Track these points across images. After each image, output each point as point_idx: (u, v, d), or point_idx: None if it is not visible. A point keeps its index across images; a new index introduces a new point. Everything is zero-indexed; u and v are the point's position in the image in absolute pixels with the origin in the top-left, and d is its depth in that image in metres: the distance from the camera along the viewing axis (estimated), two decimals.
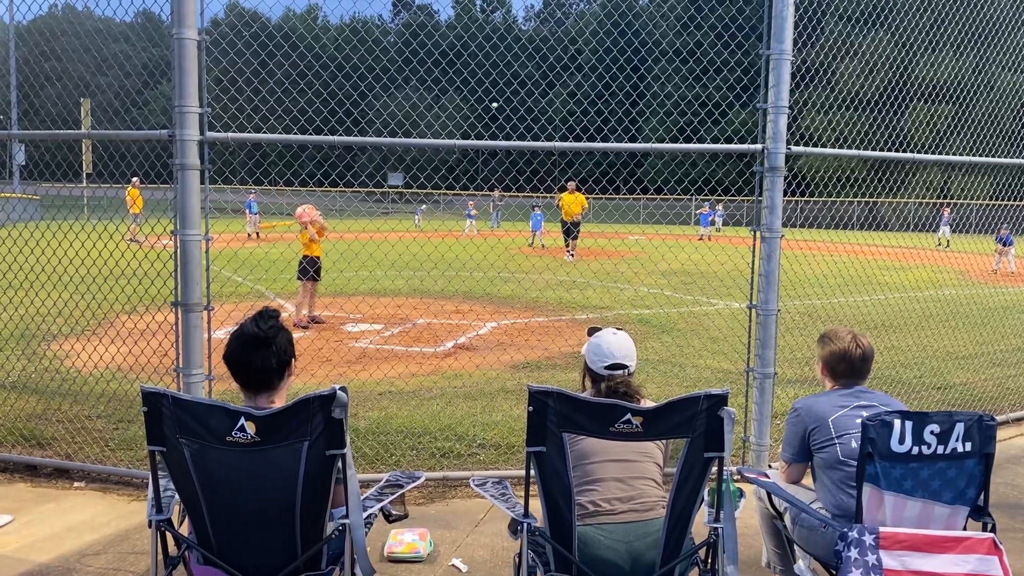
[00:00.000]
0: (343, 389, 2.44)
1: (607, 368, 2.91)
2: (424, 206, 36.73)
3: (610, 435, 2.51)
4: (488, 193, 34.42)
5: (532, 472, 2.60)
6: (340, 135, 4.95)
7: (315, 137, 4.94)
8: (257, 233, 27.08)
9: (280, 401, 2.69)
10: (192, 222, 4.38)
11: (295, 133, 5.27)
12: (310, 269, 10.04)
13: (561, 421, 2.53)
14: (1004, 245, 20.89)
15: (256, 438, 2.39)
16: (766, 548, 3.58)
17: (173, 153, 4.35)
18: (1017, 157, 6.79)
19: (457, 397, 6.72)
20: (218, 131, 4.59)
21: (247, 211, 27.90)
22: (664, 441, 2.86)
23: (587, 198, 21.42)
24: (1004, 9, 6.67)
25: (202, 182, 4.45)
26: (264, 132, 5.31)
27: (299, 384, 6.81)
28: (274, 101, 5.48)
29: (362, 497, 2.93)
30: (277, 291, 13.00)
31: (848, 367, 3.13)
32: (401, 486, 3.10)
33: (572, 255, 20.25)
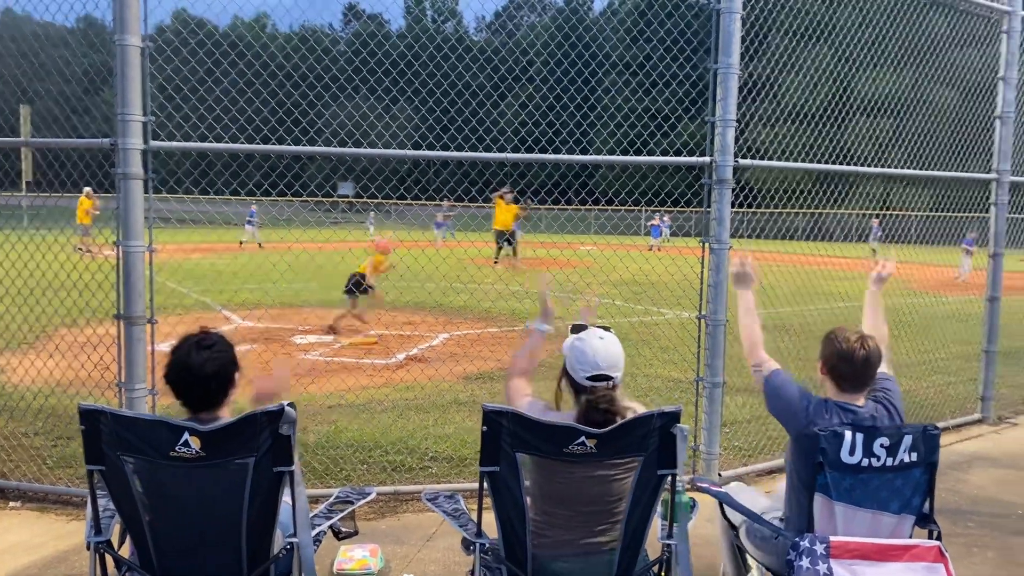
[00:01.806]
0: (291, 405, 2.39)
1: (589, 379, 2.66)
2: (373, 214, 36.42)
3: (564, 456, 2.48)
4: (439, 203, 34.31)
5: (486, 488, 2.58)
6: (289, 144, 4.89)
7: (263, 147, 4.86)
8: (260, 244, 26.93)
9: (225, 416, 2.62)
10: (135, 233, 4.28)
11: (243, 142, 5.18)
12: (360, 286, 10.46)
13: (515, 441, 2.50)
14: (968, 254, 20.51)
15: (201, 453, 2.32)
16: (722, 559, 3.59)
17: (115, 162, 4.24)
18: (953, 170, 7.00)
19: (409, 409, 6.65)
20: (162, 140, 4.49)
21: (248, 220, 27.86)
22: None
23: (539, 209, 21.46)
24: (939, 27, 6.87)
25: (145, 192, 4.34)
26: (210, 141, 5.21)
27: (245, 400, 6.67)
28: (220, 109, 5.37)
29: (311, 514, 2.87)
30: (223, 303, 12.74)
31: (851, 368, 2.90)
32: (351, 502, 3.04)
33: (498, 263, 20.30)
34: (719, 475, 5.18)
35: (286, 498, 2.49)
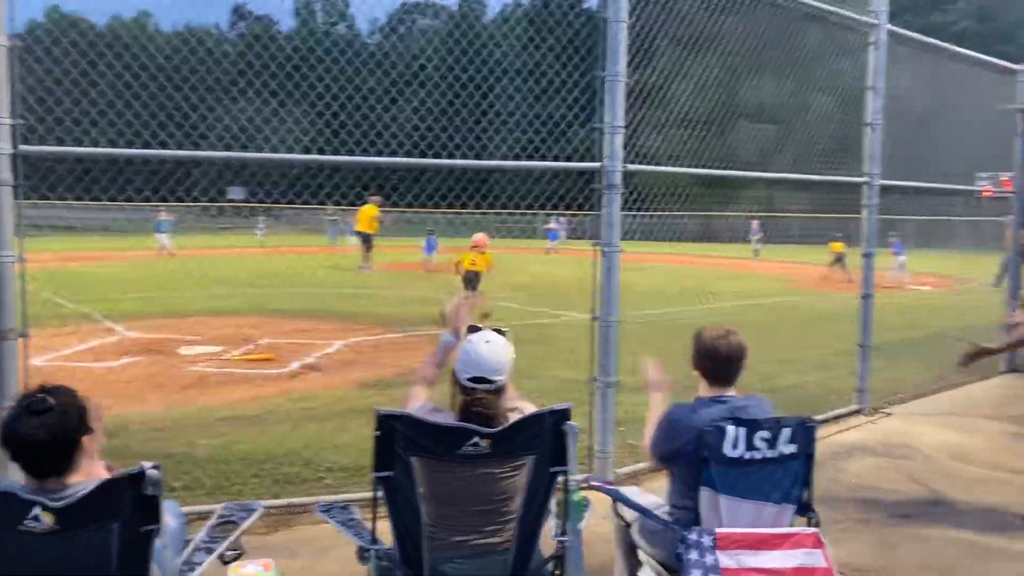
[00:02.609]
0: (155, 466, 2.25)
1: (470, 380, 2.68)
2: (262, 218, 35.49)
3: (458, 458, 2.49)
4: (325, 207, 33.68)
5: (380, 495, 2.55)
6: (172, 148, 4.71)
7: (146, 151, 4.65)
8: (171, 252, 25.42)
9: (80, 477, 2.36)
10: (4, 242, 4.02)
11: (122, 146, 4.95)
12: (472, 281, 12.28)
13: (408, 445, 2.49)
14: (898, 256, 20.87)
15: (56, 527, 2.13)
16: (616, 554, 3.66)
17: None
18: (832, 174, 7.38)
19: (304, 420, 6.51)
20: (34, 144, 4.24)
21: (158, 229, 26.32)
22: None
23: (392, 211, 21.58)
24: (817, 37, 7.23)
25: (16, 198, 4.09)
26: (88, 145, 4.96)
27: (131, 413, 6.39)
28: (96, 112, 5.12)
29: (191, 547, 2.74)
30: (105, 312, 12.14)
31: (716, 364, 3.05)
32: (235, 521, 2.92)
33: (367, 267, 20.31)
34: (614, 472, 5.29)
35: (170, 520, 2.37)
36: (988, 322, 9.65)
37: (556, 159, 5.72)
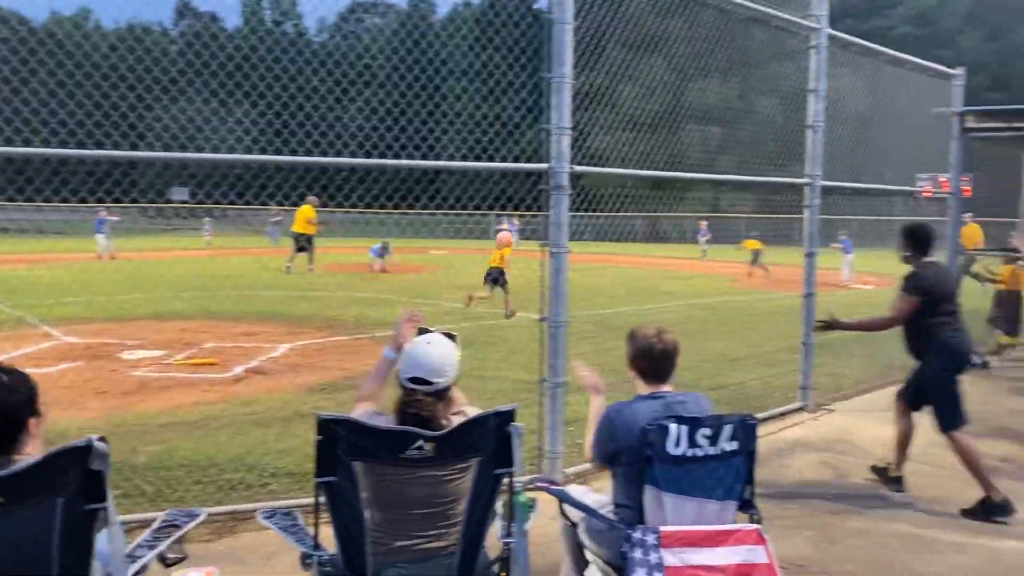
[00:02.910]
0: (101, 439, 2.21)
1: (409, 380, 2.71)
2: (208, 219, 34.83)
3: (402, 461, 2.46)
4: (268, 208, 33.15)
5: (324, 501, 2.51)
6: (109, 148, 4.58)
7: (86, 151, 4.51)
8: (112, 255, 24.52)
9: (25, 456, 2.33)
10: None
11: (55, 146, 4.80)
12: (498, 280, 12.96)
13: (351, 449, 2.45)
14: (847, 253, 21.14)
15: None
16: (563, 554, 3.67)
17: None
18: (776, 175, 7.51)
19: (248, 424, 6.39)
20: None
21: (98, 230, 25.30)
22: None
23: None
24: (760, 42, 7.35)
25: None
26: (20, 144, 4.80)
27: (70, 420, 6.21)
28: (29, 111, 4.96)
29: (134, 544, 2.69)
30: (42, 317, 11.78)
31: (651, 363, 3.13)
32: (178, 526, 2.87)
33: (295, 268, 20.07)
34: (563, 472, 5.30)
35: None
36: None
37: (505, 160, 5.72)
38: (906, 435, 5.41)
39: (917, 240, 5.33)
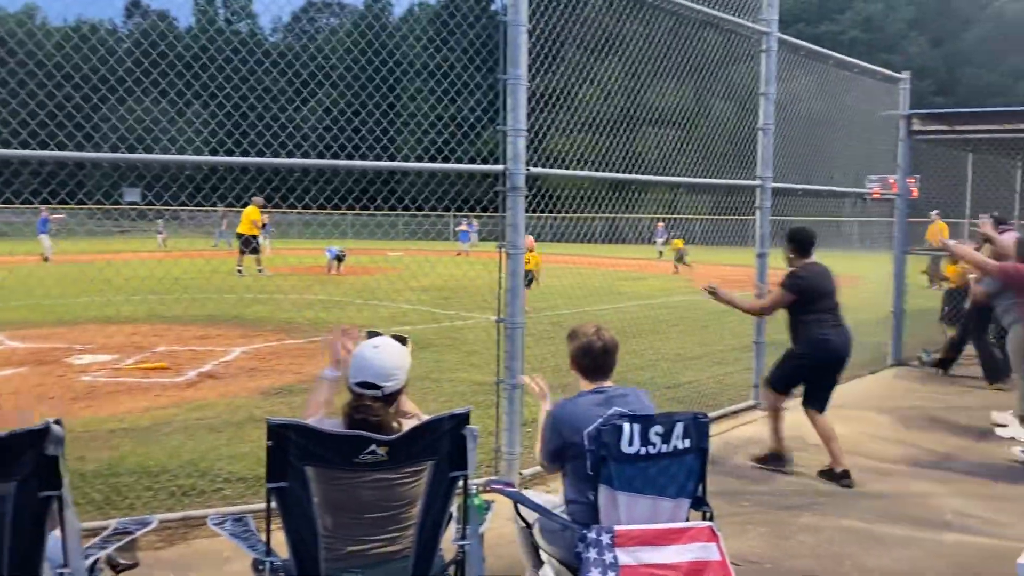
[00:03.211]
0: (57, 422, 2.17)
1: (357, 385, 2.68)
2: (161, 221, 34.22)
3: (355, 466, 2.44)
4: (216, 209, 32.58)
5: (276, 506, 2.48)
6: (55, 149, 4.47)
7: (35, 152, 4.39)
8: (45, 258, 23.67)
9: None
10: None
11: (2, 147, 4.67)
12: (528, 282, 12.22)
13: (303, 454, 2.43)
14: None
15: None
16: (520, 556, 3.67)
17: None
18: (731, 178, 7.61)
19: (200, 430, 6.29)
20: None
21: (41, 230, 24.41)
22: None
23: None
24: (715, 45, 7.44)
25: None
26: None
27: (15, 426, 6.03)
28: None
29: (84, 547, 2.64)
30: None
31: (592, 361, 3.23)
32: (130, 532, 2.82)
33: (252, 271, 19.80)
34: (520, 474, 5.31)
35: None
36: (878, 317, 10.15)
37: (461, 161, 5.70)
38: (824, 431, 5.72)
39: (799, 243, 5.78)
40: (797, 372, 5.76)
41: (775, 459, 5.90)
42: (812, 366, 5.68)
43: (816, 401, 5.75)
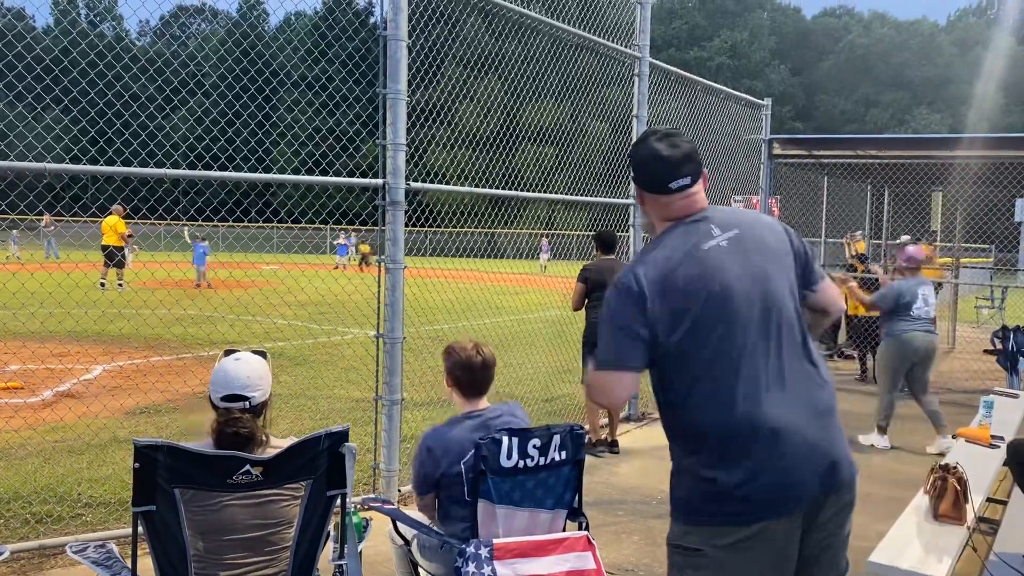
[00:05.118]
0: None
1: (223, 399, 2.61)
2: (16, 232, 32.00)
3: (228, 488, 2.37)
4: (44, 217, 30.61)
5: (142, 531, 2.38)
6: None
7: None
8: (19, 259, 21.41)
9: None
10: None
11: None
12: None
13: (173, 476, 2.34)
14: None
15: None
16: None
17: None
18: (606, 196, 7.85)
19: (58, 452, 5.92)
20: None
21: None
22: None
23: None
24: (592, 66, 7.68)
25: None
26: None
27: None
28: None
29: None
30: None
31: (471, 376, 3.17)
32: None
33: (120, 285, 18.95)
34: (399, 491, 5.27)
35: None
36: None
37: (340, 174, 5.63)
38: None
39: (600, 242, 6.94)
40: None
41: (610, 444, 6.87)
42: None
43: None
